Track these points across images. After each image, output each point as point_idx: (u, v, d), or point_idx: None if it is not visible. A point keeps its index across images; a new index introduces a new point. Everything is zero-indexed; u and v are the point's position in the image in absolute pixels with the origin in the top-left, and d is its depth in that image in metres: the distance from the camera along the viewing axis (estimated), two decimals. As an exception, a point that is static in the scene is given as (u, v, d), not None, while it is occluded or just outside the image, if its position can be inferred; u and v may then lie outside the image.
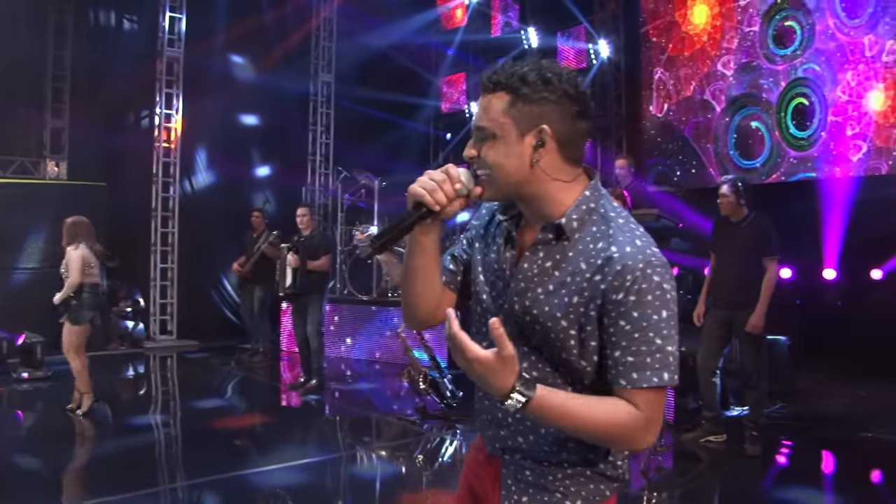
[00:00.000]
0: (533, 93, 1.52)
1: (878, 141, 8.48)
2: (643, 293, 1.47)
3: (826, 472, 5.38)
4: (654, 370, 1.46)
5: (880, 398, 6.99)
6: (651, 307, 1.47)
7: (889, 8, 8.28)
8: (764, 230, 5.38)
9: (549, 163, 1.55)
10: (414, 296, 1.73)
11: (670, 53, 10.54)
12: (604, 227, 1.55)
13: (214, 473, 4.98)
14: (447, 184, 1.57)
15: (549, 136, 1.53)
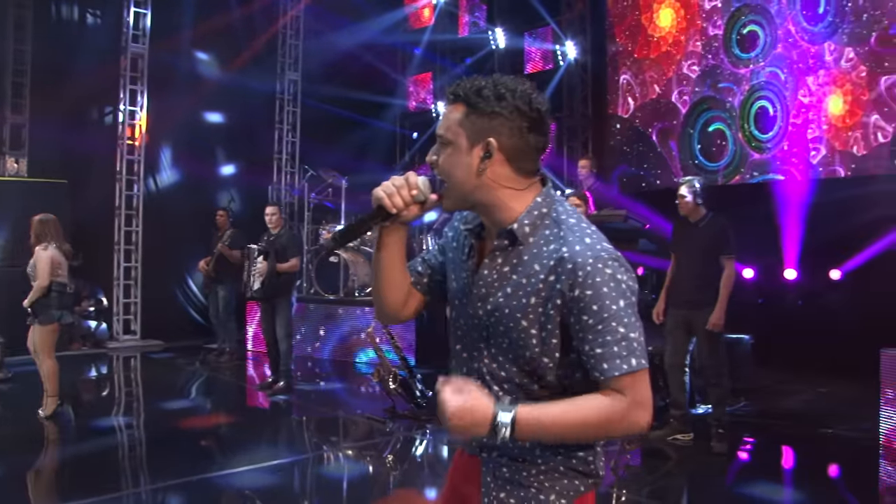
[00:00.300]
0: (486, 106, 1.62)
1: (837, 144, 8.68)
2: (598, 287, 1.55)
3: (789, 468, 5.50)
4: (623, 358, 1.54)
5: (840, 395, 7.16)
6: (608, 298, 1.54)
7: (846, 17, 8.48)
8: (721, 230, 5.49)
9: (499, 173, 1.65)
10: (381, 291, 1.85)
11: (636, 56, 10.67)
12: (555, 229, 1.63)
13: (181, 476, 4.91)
14: (405, 189, 1.68)
15: (496, 148, 1.62)
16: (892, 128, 8.24)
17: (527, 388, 1.66)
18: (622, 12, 10.82)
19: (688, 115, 10.09)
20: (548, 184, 1.72)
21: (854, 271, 8.50)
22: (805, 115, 8.91)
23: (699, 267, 5.47)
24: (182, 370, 9.02)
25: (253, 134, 11.85)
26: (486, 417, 1.53)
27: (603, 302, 1.54)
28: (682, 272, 5.61)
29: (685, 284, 5.54)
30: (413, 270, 1.90)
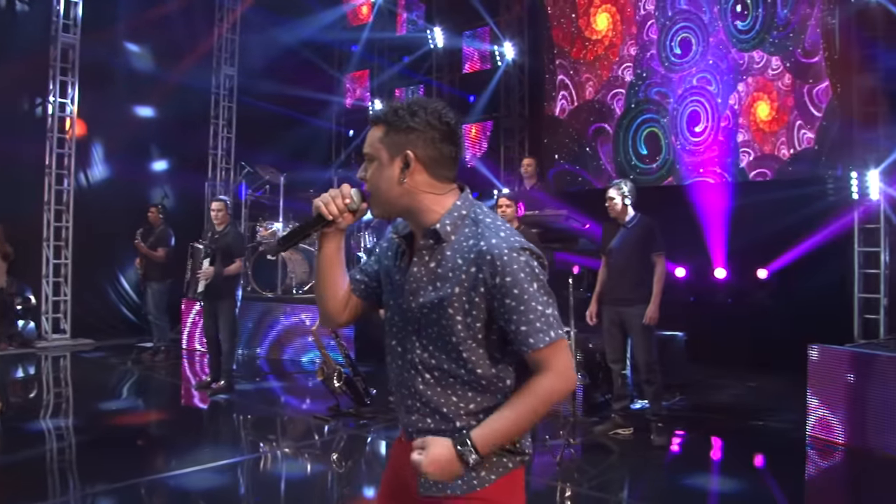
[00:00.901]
0: (401, 123, 1.86)
1: (765, 148, 9.05)
2: (515, 273, 1.78)
3: (724, 458, 5.71)
4: (544, 331, 1.79)
5: (768, 389, 7.49)
6: (525, 283, 1.78)
7: (773, 28, 8.85)
8: (649, 229, 5.71)
9: (418, 180, 1.88)
10: (322, 294, 2.07)
11: (573, 57, 10.88)
12: (474, 227, 1.86)
13: (120, 481, 4.77)
14: (339, 199, 1.91)
15: (414, 158, 1.85)
16: (814, 133, 8.63)
17: (454, 373, 1.87)
18: (560, 15, 11.01)
19: (622, 117, 10.35)
20: (466, 189, 1.95)
21: (780, 271, 8.89)
22: (734, 120, 9.25)
23: (630, 266, 5.67)
24: (115, 370, 8.80)
25: (187, 129, 11.59)
26: (452, 457, 1.78)
27: (521, 286, 1.77)
28: (613, 272, 5.78)
29: (617, 284, 5.72)
30: (352, 278, 2.11)
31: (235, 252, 7.37)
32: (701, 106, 9.59)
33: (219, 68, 11.83)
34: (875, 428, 5.42)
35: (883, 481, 5.10)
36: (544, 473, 5.09)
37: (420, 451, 1.80)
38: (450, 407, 1.88)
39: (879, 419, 5.40)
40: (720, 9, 9.31)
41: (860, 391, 5.53)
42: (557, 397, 1.85)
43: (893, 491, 4.97)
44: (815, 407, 5.82)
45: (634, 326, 5.59)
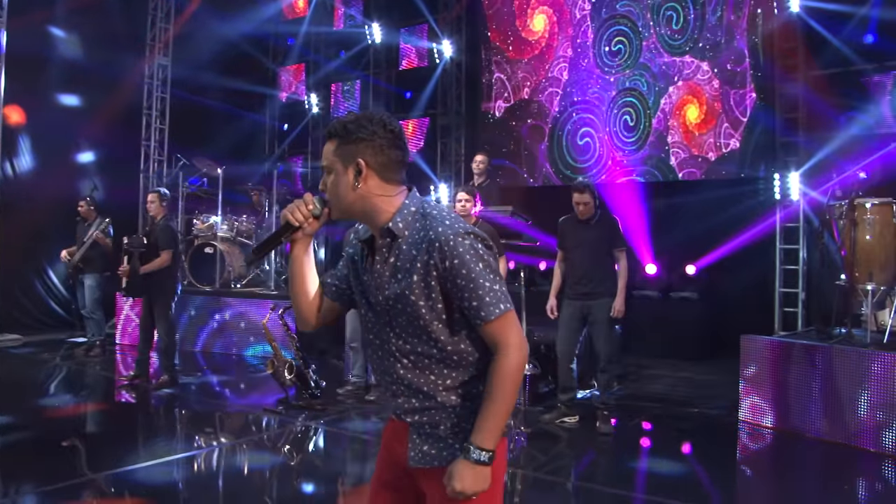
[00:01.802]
0: (350, 135, 2.05)
1: (694, 149, 9.48)
2: (461, 255, 1.96)
3: (666, 443, 5.99)
4: (494, 304, 1.98)
5: (698, 379, 7.88)
6: (471, 262, 1.97)
7: (704, 34, 9.28)
8: (612, 226, 5.95)
9: (371, 185, 2.07)
10: (297, 298, 2.27)
11: (510, 57, 11.12)
12: (424, 221, 2.04)
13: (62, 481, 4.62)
14: (303, 206, 2.12)
15: (364, 166, 2.05)
16: (740, 136, 9.10)
17: (427, 354, 2.06)
18: (497, 15, 11.22)
19: (557, 116, 10.65)
20: (413, 189, 2.15)
21: (707, 267, 9.33)
22: (665, 122, 9.65)
23: (594, 261, 5.86)
24: (46, 366, 8.52)
25: (119, 119, 11.28)
26: (472, 467, 1.97)
27: (468, 266, 1.96)
28: (576, 267, 5.95)
29: (581, 278, 5.88)
30: (323, 283, 2.29)
31: (161, 245, 7.21)
32: (633, 107, 9.95)
33: (152, 58, 11.55)
34: (801, 412, 5.82)
35: (808, 461, 5.50)
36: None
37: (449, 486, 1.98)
38: (429, 385, 2.07)
39: (805, 404, 5.80)
40: (653, 14, 9.68)
41: (788, 378, 5.92)
42: (520, 368, 2.01)
43: (817, 469, 5.36)
44: (746, 393, 6.19)
45: (600, 319, 5.79)
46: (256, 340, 9.03)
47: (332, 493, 5.01)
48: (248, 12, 12.10)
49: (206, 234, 10.05)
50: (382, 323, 2.11)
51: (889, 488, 5.01)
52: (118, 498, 4.54)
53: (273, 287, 9.81)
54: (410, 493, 2.19)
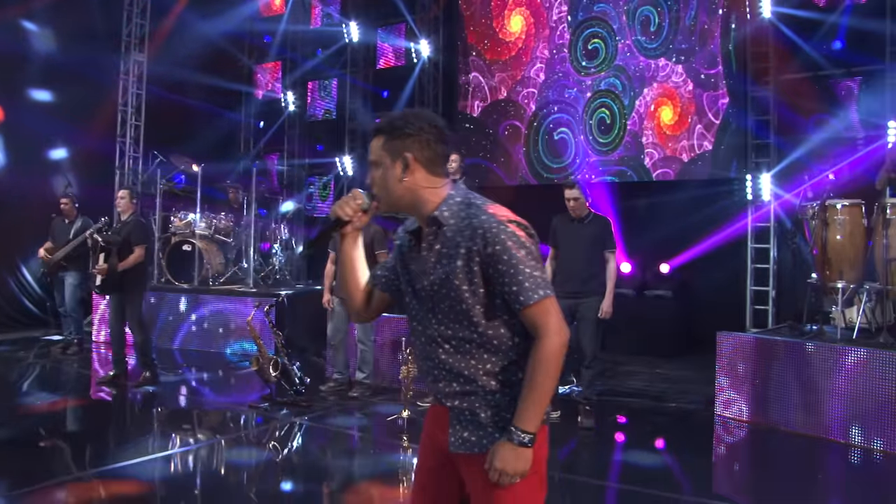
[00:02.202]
0: (397, 131, 2.18)
1: (668, 150, 9.67)
2: (502, 241, 2.06)
3: (645, 436, 6.14)
4: (534, 290, 2.06)
5: (674, 375, 8.06)
6: (513, 248, 2.06)
7: (678, 37, 9.48)
8: (605, 227, 6.05)
9: (418, 177, 2.18)
10: (347, 291, 2.38)
11: (487, 57, 11.22)
12: (468, 209, 2.14)
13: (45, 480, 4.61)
14: (352, 201, 2.22)
15: (412, 160, 2.16)
16: (713, 138, 9.31)
17: (468, 339, 2.14)
18: (474, 15, 11.32)
19: (533, 116, 10.78)
20: (458, 181, 2.29)
21: (681, 266, 9.54)
22: (640, 123, 9.84)
23: (585, 260, 5.95)
24: (22, 364, 8.45)
25: (94, 115, 11.18)
26: (514, 449, 2.05)
27: (509, 252, 2.05)
28: (567, 265, 6.02)
29: (572, 276, 5.94)
30: (373, 275, 2.38)
31: (135, 241, 7.14)
32: (609, 108, 10.12)
33: (128, 54, 11.46)
34: (776, 406, 6.01)
35: (782, 453, 5.67)
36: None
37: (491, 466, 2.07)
38: (469, 370, 2.15)
39: (779, 398, 5.99)
40: (629, 18, 9.86)
41: (762, 373, 6.11)
42: (560, 352, 2.08)
43: (791, 461, 5.54)
44: (722, 388, 6.37)
45: (587, 317, 5.89)
46: (235, 338, 9.04)
47: (319, 488, 5.08)
48: (224, 10, 12.04)
49: (183, 232, 10.02)
50: (426, 309, 2.20)
51: (859, 479, 5.21)
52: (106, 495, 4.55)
53: (252, 285, 9.82)
54: (454, 479, 2.27)
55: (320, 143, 12.72)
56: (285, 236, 10.92)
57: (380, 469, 5.30)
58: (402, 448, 5.62)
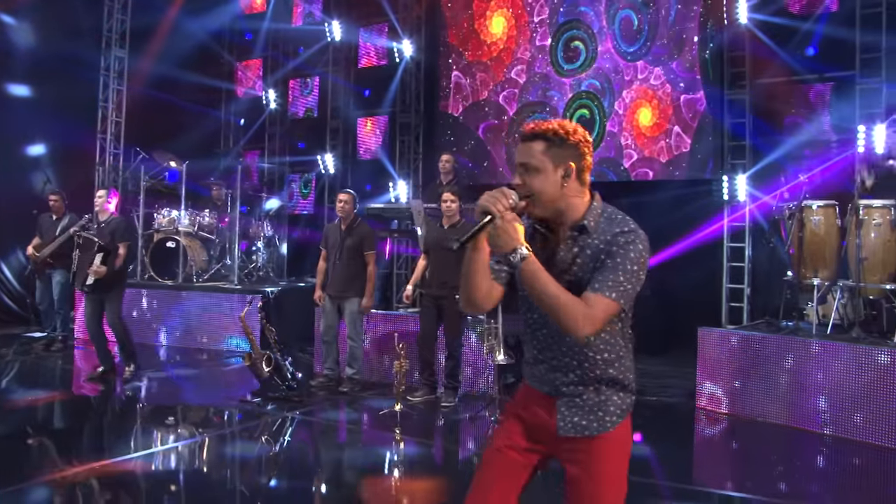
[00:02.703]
0: (561, 140, 2.34)
1: (647, 151, 9.91)
2: (628, 248, 2.27)
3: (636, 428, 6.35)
4: (609, 288, 2.24)
5: (654, 370, 8.26)
6: (627, 258, 2.26)
7: (657, 40, 9.72)
8: None
9: (572, 186, 2.37)
10: (473, 284, 2.40)
11: (468, 58, 11.38)
12: (612, 220, 2.36)
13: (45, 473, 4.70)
14: (504, 199, 2.27)
15: (573, 169, 2.33)
16: (690, 140, 9.56)
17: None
18: (456, 17, 11.48)
19: (514, 117, 10.97)
20: (597, 194, 2.46)
21: (659, 265, 9.76)
22: (619, 124, 10.07)
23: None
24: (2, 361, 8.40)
25: (74, 111, 11.12)
26: (516, 240, 2.23)
27: (623, 258, 2.26)
28: None
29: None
30: (492, 268, 2.44)
31: (118, 238, 7.20)
32: (588, 110, 10.34)
33: (109, 50, 11.44)
34: (755, 398, 6.25)
35: (761, 443, 5.92)
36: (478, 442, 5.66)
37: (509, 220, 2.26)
38: (589, 359, 2.38)
39: (758, 391, 6.23)
40: (609, 21, 10.08)
41: (742, 367, 6.35)
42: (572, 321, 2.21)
43: (770, 450, 5.78)
44: (703, 382, 6.60)
45: None
46: (221, 334, 9.10)
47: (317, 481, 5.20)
48: (206, 7, 12.07)
49: (167, 229, 10.05)
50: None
51: (836, 467, 5.46)
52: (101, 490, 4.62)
53: (236, 282, 9.88)
54: (529, 462, 2.49)
55: (301, 140, 12.78)
56: (268, 234, 10.98)
57: (376, 461, 5.45)
58: (396, 441, 5.75)
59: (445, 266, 6.56)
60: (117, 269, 7.19)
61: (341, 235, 7.03)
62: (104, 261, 7.05)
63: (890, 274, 6.13)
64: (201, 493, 4.73)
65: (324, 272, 7.15)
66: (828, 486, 5.21)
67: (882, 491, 5.08)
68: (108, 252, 7.07)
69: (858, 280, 6.19)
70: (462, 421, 6.37)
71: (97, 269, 7.03)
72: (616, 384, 2.43)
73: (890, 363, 5.51)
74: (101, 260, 7.05)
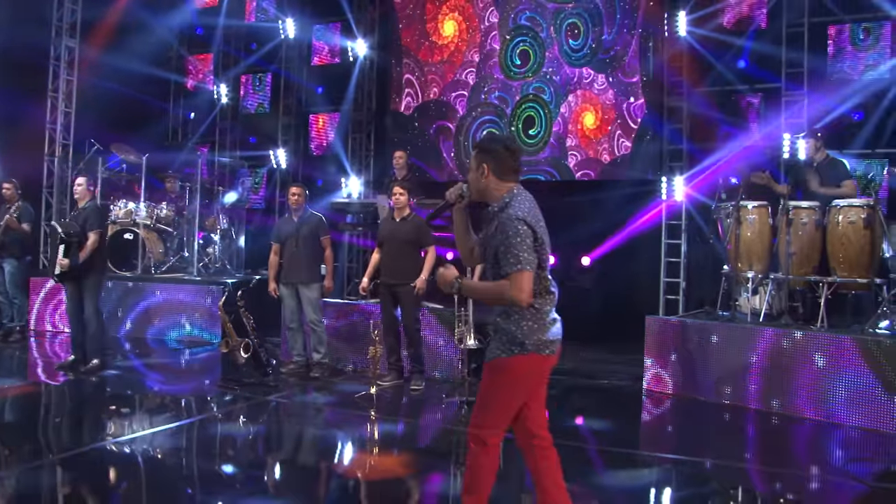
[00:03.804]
0: (481, 148, 3.43)
1: (590, 152, 10.53)
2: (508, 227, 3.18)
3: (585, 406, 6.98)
4: (511, 265, 3.15)
5: (600, 357, 8.87)
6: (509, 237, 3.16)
7: (601, 48, 10.34)
8: None
9: (490, 180, 3.35)
10: (460, 243, 3.57)
11: (420, 59, 11.80)
12: (505, 206, 3.27)
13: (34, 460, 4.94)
14: (456, 189, 3.44)
15: (486, 168, 3.34)
16: (631, 142, 10.23)
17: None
18: (409, 18, 11.87)
19: (464, 117, 11.45)
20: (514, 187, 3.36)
21: (600, 259, 10.42)
22: (565, 126, 10.66)
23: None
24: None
25: (21, 101, 11.01)
26: (450, 283, 3.33)
27: (508, 233, 3.17)
28: None
29: None
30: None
31: (88, 227, 7.25)
32: (536, 112, 10.91)
33: (59, 39, 11.37)
34: (695, 380, 6.91)
35: (702, 419, 6.59)
36: (448, 420, 6.22)
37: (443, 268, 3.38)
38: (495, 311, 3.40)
39: (698, 372, 6.89)
40: (556, 28, 10.66)
41: (685, 352, 7.00)
42: (503, 295, 3.18)
43: (709, 425, 6.47)
44: (649, 365, 7.23)
45: None
46: (182, 324, 9.31)
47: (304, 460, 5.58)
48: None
49: (124, 221, 10.15)
50: (490, 262, 3.29)
51: (767, 436, 6.14)
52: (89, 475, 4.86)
53: (196, 273, 10.07)
54: None
55: (253, 135, 12.96)
56: (224, 226, 11.16)
57: (361, 438, 5.85)
58: (373, 420, 6.14)
59: (398, 257, 7.11)
60: (89, 257, 7.21)
61: (295, 225, 7.41)
62: (66, 253, 7.06)
63: (814, 267, 6.86)
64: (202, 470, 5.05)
65: (276, 266, 7.54)
66: (761, 451, 5.88)
67: (804, 453, 5.80)
68: (70, 244, 7.08)
69: (788, 273, 6.89)
70: (431, 401, 6.84)
71: (60, 261, 7.09)
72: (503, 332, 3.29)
73: (813, 346, 6.24)
74: (63, 252, 7.07)
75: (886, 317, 6.37)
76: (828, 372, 6.17)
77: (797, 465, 5.56)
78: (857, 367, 6.02)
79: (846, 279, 6.62)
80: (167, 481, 4.76)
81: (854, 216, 6.58)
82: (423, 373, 7.17)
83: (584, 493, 4.56)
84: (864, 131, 8.54)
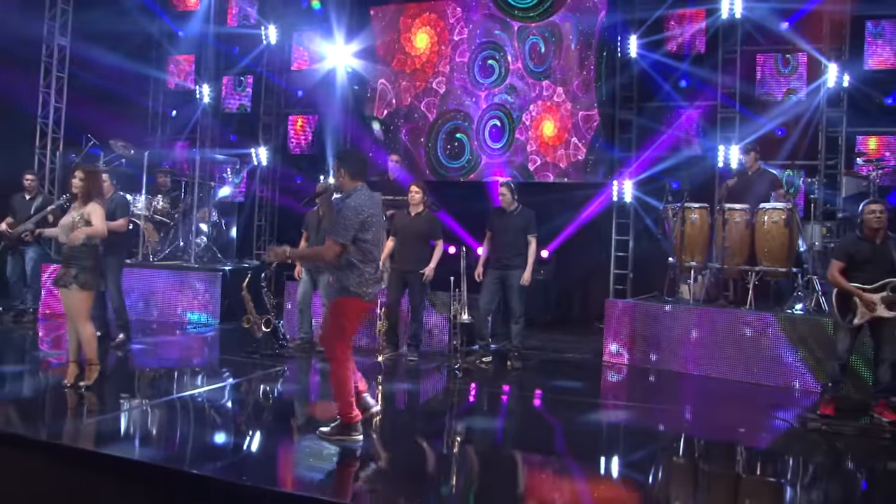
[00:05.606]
0: (341, 160, 5.21)
1: (548, 157, 11.81)
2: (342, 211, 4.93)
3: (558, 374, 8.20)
4: (331, 235, 4.92)
5: (562, 337, 10.10)
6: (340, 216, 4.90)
7: (560, 62, 11.62)
8: (529, 217, 8.02)
9: (346, 180, 5.05)
10: (327, 221, 5.56)
11: (394, 68, 12.87)
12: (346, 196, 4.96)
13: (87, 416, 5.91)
14: (325, 185, 5.66)
15: (343, 172, 5.07)
16: (585, 149, 11.53)
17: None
18: (384, 30, 12.92)
19: (434, 122, 12.57)
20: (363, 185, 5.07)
21: (557, 252, 11.69)
22: (526, 134, 11.91)
23: (512, 241, 7.93)
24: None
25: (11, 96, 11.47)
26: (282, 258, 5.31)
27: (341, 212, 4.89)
28: (498, 245, 8.01)
29: (502, 253, 7.93)
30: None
31: (119, 215, 8.13)
32: (500, 119, 12.11)
33: (51, 37, 11.88)
34: (647, 351, 8.27)
35: (651, 381, 7.97)
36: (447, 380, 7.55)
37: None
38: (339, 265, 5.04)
39: (649, 345, 8.25)
40: (520, 44, 11.89)
41: (639, 329, 8.34)
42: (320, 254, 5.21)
43: (657, 384, 7.83)
44: (609, 341, 8.56)
45: (514, 284, 7.84)
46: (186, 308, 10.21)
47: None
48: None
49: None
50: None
51: (708, 397, 7.53)
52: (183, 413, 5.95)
53: (193, 261, 10.95)
54: None
55: (234, 134, 13.75)
56: (213, 219, 12.00)
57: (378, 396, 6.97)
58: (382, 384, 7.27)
59: (411, 247, 8.22)
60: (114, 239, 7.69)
61: (318, 219, 8.41)
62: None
63: (745, 259, 8.27)
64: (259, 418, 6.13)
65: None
66: (702, 407, 7.25)
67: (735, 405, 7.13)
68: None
69: (722, 264, 8.28)
70: (429, 370, 7.98)
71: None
72: (339, 281, 4.99)
73: (743, 323, 7.66)
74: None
75: (800, 300, 7.85)
76: (754, 343, 7.60)
77: (727, 412, 6.94)
78: (777, 340, 7.46)
79: (770, 268, 8.06)
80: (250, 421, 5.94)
81: (777, 217, 8.02)
82: (419, 347, 8.30)
83: (567, 428, 6.01)
84: (786, 145, 10.04)
